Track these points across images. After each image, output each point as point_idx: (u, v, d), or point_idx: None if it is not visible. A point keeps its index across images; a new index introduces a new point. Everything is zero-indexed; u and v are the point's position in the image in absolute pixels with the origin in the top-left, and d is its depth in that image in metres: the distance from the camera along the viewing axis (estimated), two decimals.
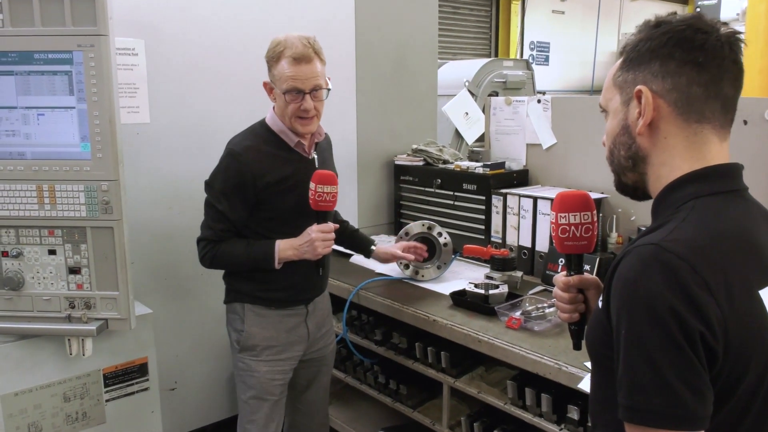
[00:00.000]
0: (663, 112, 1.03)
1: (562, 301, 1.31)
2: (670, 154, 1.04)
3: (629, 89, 1.06)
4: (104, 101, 1.84)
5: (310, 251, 2.05)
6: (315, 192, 2.00)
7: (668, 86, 1.02)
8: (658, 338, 0.88)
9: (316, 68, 1.98)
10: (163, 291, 2.71)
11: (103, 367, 2.11)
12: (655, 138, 1.05)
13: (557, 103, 2.91)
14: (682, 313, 0.87)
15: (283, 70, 1.97)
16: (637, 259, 0.93)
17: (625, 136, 1.08)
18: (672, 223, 0.97)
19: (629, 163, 1.09)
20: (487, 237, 2.86)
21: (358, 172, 3.34)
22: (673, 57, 1.01)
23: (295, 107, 2.00)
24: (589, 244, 1.28)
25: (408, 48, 3.46)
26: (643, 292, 0.90)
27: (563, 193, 1.30)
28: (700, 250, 0.92)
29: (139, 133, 2.55)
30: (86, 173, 1.88)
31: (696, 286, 0.88)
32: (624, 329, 0.92)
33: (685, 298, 0.88)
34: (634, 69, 1.05)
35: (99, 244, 1.92)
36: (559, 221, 1.28)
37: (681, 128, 1.03)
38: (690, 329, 0.87)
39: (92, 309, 1.96)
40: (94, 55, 1.81)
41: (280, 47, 1.98)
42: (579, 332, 1.32)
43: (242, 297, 2.15)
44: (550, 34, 10.54)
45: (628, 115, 1.07)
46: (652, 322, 0.88)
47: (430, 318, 2.26)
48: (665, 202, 1.04)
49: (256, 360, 2.15)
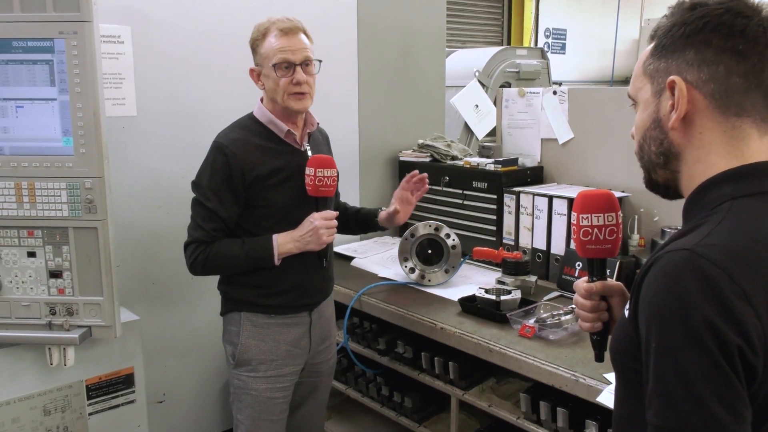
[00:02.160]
0: (698, 105, 1.01)
1: (584, 309, 1.29)
2: (706, 150, 1.02)
3: (661, 79, 1.04)
4: (88, 92, 1.83)
5: (314, 240, 2.06)
6: (315, 177, 2.03)
7: (704, 76, 1.00)
8: (692, 353, 0.87)
9: (304, 41, 2.04)
10: (151, 296, 2.71)
11: (86, 378, 2.11)
12: (689, 133, 1.03)
13: (574, 94, 2.90)
14: (718, 326, 0.86)
15: (270, 45, 2.01)
16: (669, 266, 0.92)
17: (657, 131, 1.07)
18: (706, 227, 0.96)
19: (660, 159, 1.08)
20: (499, 239, 2.86)
21: (361, 169, 3.34)
22: (710, 44, 0.99)
23: (286, 81, 2.02)
24: (613, 248, 1.27)
25: (414, 36, 3.46)
26: (675, 302, 0.89)
27: (585, 192, 1.29)
28: (738, 256, 0.91)
29: (125, 127, 2.55)
30: (68, 170, 1.88)
31: (733, 295, 0.87)
32: (654, 342, 0.91)
33: (722, 309, 0.86)
34: (666, 56, 1.03)
35: (82, 246, 1.92)
36: (581, 223, 1.26)
37: (718, 122, 1.01)
38: (727, 343, 0.86)
39: (75, 315, 1.96)
40: (77, 43, 1.81)
41: (264, 26, 2.04)
42: (602, 343, 1.31)
43: (240, 305, 2.14)
44: (567, 21, 10.52)
45: (659, 107, 1.05)
46: (686, 335, 0.87)
47: (438, 325, 2.26)
48: (699, 203, 1.02)
49: (253, 376, 2.13)
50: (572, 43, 10.60)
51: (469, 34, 9.33)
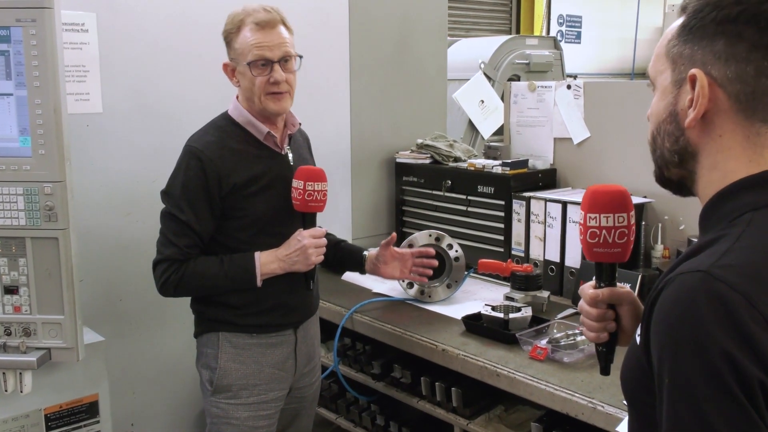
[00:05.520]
0: (720, 105, 1.00)
1: (589, 317, 1.30)
2: (725, 156, 1.01)
3: (684, 67, 1.02)
4: (48, 87, 1.84)
5: (301, 261, 2.06)
6: (304, 191, 2.03)
7: (731, 74, 0.98)
8: (709, 389, 0.86)
9: (284, 34, 2.04)
10: (117, 315, 2.71)
11: (45, 407, 2.11)
12: (707, 134, 1.02)
13: (591, 88, 2.92)
14: (737, 358, 0.85)
15: (245, 40, 2.01)
16: (682, 291, 0.91)
17: (672, 125, 1.06)
18: (724, 243, 0.95)
19: (675, 158, 1.07)
20: (507, 250, 2.86)
21: (353, 171, 3.35)
22: (743, 37, 0.97)
23: (263, 81, 2.02)
24: (623, 252, 1.27)
25: (412, 23, 3.47)
26: (689, 332, 0.89)
27: (595, 187, 1.29)
28: (760, 277, 0.90)
29: (89, 125, 2.55)
30: (26, 173, 1.87)
31: (754, 323, 0.86)
32: (667, 377, 0.91)
33: (741, 339, 0.86)
34: (693, 42, 1.01)
35: (41, 259, 1.92)
36: (588, 223, 1.26)
37: (741, 126, 1.00)
38: (747, 377, 0.85)
39: (32, 336, 1.95)
40: (35, 32, 1.81)
41: (238, 17, 2.03)
42: (608, 354, 1.32)
43: (217, 325, 2.14)
44: (583, 7, 10.58)
45: (678, 99, 1.04)
46: (702, 369, 0.87)
47: (439, 347, 2.26)
48: (716, 214, 1.02)
49: (234, 403, 2.13)
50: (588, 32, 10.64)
51: (474, 22, 9.37)
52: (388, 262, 2.44)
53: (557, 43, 6.08)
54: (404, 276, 2.51)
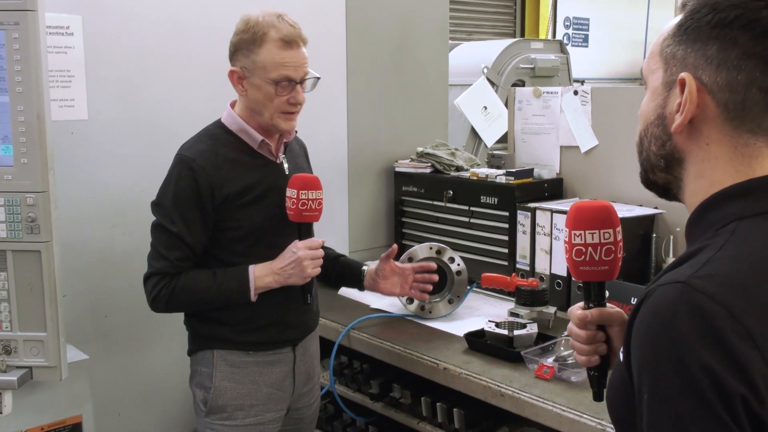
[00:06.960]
0: (708, 112, 1.00)
1: (579, 340, 1.30)
2: (712, 165, 1.01)
3: (675, 69, 1.03)
4: (31, 92, 1.84)
5: (297, 273, 2.06)
6: (298, 200, 2.03)
7: (721, 81, 0.98)
8: (689, 406, 0.86)
9: (305, 53, 2.06)
10: (103, 332, 2.70)
11: (26, 429, 2.10)
12: (694, 142, 1.03)
13: (599, 94, 2.93)
14: (718, 373, 0.85)
15: (271, 56, 2.00)
16: (662, 303, 0.91)
17: (660, 129, 1.07)
18: (706, 253, 0.94)
19: (661, 162, 1.09)
20: (512, 263, 2.87)
21: (350, 181, 3.35)
22: (737, 43, 0.96)
23: (282, 101, 2.03)
24: (611, 270, 1.28)
25: (412, 25, 3.49)
26: (667, 346, 0.88)
27: (579, 204, 1.30)
28: (741, 288, 0.89)
29: (74, 133, 2.56)
30: (7, 183, 1.88)
31: (736, 336, 0.86)
32: (646, 393, 0.91)
33: (722, 352, 0.85)
34: (686, 43, 1.01)
35: (22, 273, 1.91)
36: (573, 240, 1.27)
37: (729, 136, 1.00)
38: (729, 393, 0.85)
39: (13, 354, 1.95)
40: (18, 36, 1.82)
41: (261, 28, 2.00)
42: (600, 379, 1.33)
43: (212, 342, 2.14)
44: (591, 9, 10.61)
45: (667, 102, 1.05)
46: (681, 385, 0.87)
47: (440, 365, 2.26)
48: (701, 224, 1.02)
49: (229, 425, 2.12)
50: (596, 35, 10.66)
51: (477, 24, 9.39)
52: (388, 277, 2.44)
53: (563, 46, 6.10)
54: (404, 293, 2.52)
